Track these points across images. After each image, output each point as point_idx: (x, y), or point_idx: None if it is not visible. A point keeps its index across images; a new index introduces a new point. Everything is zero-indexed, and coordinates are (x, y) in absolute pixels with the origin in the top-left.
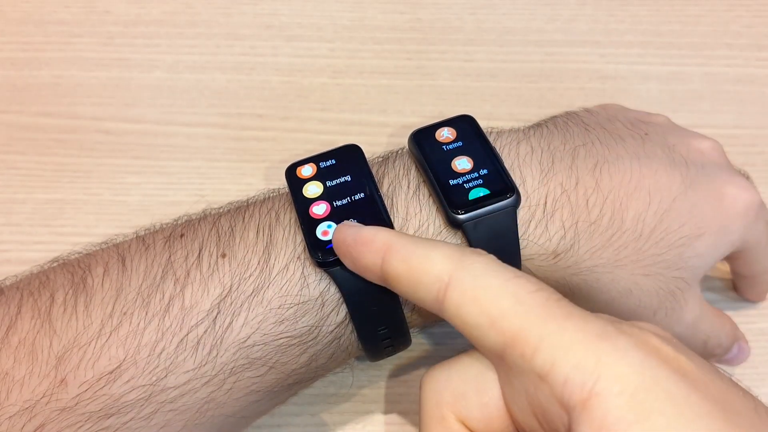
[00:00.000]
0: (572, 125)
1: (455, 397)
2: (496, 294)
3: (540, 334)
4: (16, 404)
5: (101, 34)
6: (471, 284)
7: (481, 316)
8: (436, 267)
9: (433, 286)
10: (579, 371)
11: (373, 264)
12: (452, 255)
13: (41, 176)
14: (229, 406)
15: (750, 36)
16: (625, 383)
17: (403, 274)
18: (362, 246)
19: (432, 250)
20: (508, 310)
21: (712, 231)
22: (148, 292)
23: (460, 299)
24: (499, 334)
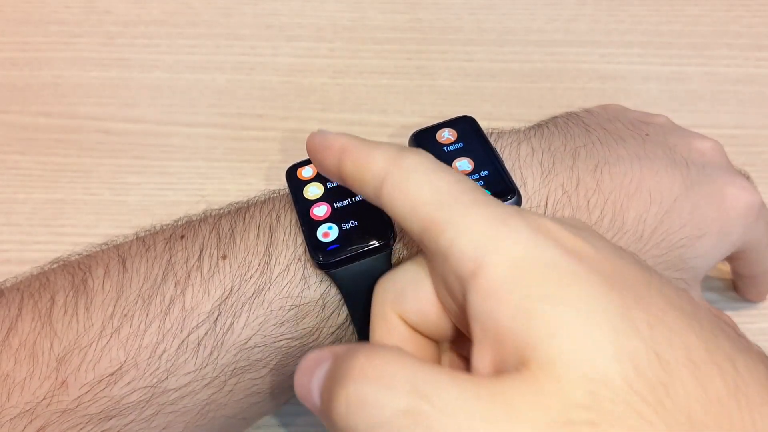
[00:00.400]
0: (573, 126)
1: (395, 295)
2: (419, 185)
3: (446, 218)
4: (17, 406)
5: (101, 34)
6: (401, 178)
7: (405, 206)
8: (376, 164)
9: (372, 182)
10: (472, 246)
11: (332, 165)
12: (390, 154)
13: (41, 176)
14: (230, 407)
15: (750, 36)
16: (509, 254)
17: (352, 173)
18: (325, 150)
19: (374, 150)
20: (426, 199)
21: (712, 232)
22: (149, 294)
23: (391, 192)
24: (418, 221)
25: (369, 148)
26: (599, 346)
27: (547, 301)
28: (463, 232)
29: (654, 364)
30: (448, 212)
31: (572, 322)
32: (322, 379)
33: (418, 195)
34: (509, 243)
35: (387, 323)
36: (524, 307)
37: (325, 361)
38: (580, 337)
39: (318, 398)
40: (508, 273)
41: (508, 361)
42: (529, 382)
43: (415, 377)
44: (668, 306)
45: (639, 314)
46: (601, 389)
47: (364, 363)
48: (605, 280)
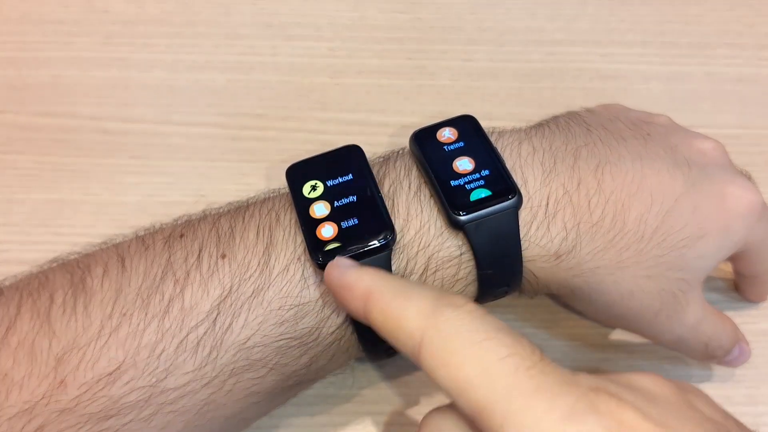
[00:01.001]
0: (574, 125)
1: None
2: (464, 360)
3: (505, 411)
4: (15, 405)
5: (100, 33)
6: (441, 347)
7: (451, 383)
8: (410, 324)
9: (408, 343)
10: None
11: (356, 310)
12: (425, 310)
13: (40, 176)
14: (229, 407)
15: (751, 35)
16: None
17: (382, 327)
18: (345, 291)
19: (408, 302)
20: (474, 380)
21: (714, 232)
22: (148, 293)
23: (432, 362)
24: (468, 404)
25: (399, 299)
26: None
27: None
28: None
29: None
30: (507, 403)
31: None
32: None
33: (464, 374)
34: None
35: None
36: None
37: None
38: None
39: None
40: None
41: None
42: None
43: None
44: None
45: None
46: None
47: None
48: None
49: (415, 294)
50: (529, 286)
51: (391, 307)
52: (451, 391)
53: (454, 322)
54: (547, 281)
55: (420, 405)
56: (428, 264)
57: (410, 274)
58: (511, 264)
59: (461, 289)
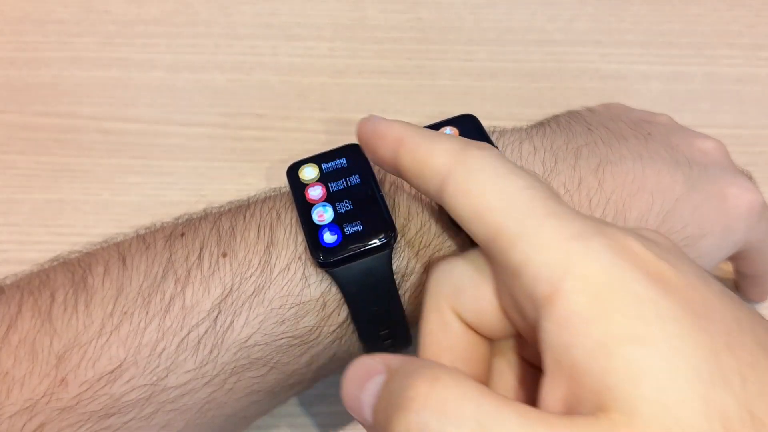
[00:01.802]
0: (575, 125)
1: (453, 289)
2: (485, 189)
3: (518, 230)
4: (16, 403)
5: (100, 33)
6: (465, 178)
7: (470, 210)
8: (438, 160)
9: (434, 180)
10: (547, 268)
11: (387, 156)
12: (453, 148)
13: (40, 176)
14: (230, 406)
15: (751, 35)
16: (589, 281)
17: (410, 168)
18: (378, 139)
19: (436, 144)
20: (493, 205)
21: (715, 232)
22: (149, 292)
23: (455, 193)
24: (484, 228)
25: (430, 141)
26: (687, 398)
27: (631, 340)
28: (538, 250)
29: (747, 424)
30: (521, 224)
31: (658, 368)
32: (375, 395)
33: (485, 200)
34: (590, 267)
35: (441, 318)
36: (605, 345)
37: (378, 375)
38: (666, 387)
39: (370, 415)
40: (588, 303)
41: (583, 401)
42: (607, 430)
43: (480, 412)
44: (760, 350)
45: (730, 361)
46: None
47: (427, 391)
48: (693, 317)
49: (444, 137)
50: None
51: (420, 147)
52: (470, 217)
53: (480, 159)
54: None
55: None
56: (429, 263)
57: (411, 273)
58: None
59: None
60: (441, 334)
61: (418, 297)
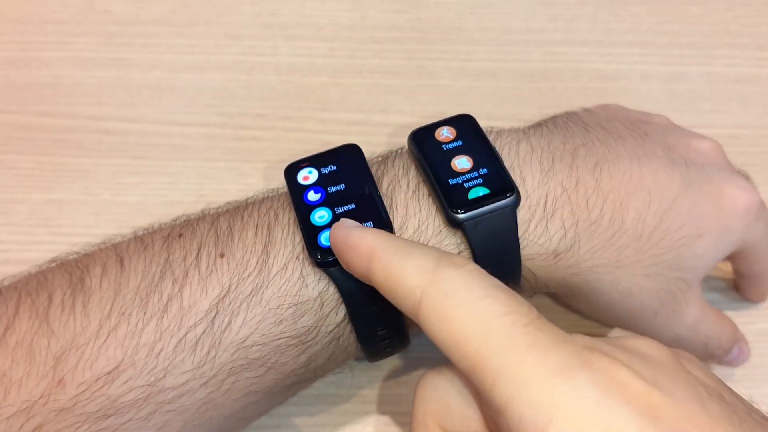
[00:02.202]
0: (572, 125)
1: (440, 407)
2: (462, 316)
3: (498, 366)
4: (13, 405)
5: (100, 33)
6: (440, 303)
7: (447, 338)
8: (410, 280)
9: (408, 300)
10: (532, 410)
11: (359, 269)
12: (426, 267)
13: (40, 176)
14: (228, 406)
15: (751, 35)
16: (576, 426)
17: (383, 284)
18: (349, 250)
19: (408, 260)
20: (471, 336)
21: (712, 231)
22: (147, 293)
23: (430, 318)
24: (464, 360)
25: (401, 257)
26: None
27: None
28: (520, 390)
29: None
30: (500, 358)
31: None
32: None
33: (462, 329)
34: (576, 409)
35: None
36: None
37: None
38: None
39: None
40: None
41: None
42: None
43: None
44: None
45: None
46: None
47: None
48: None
49: (416, 252)
50: (527, 284)
51: (392, 264)
52: (448, 346)
53: (455, 280)
54: (546, 280)
55: None
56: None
57: None
58: (510, 262)
59: None
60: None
61: None
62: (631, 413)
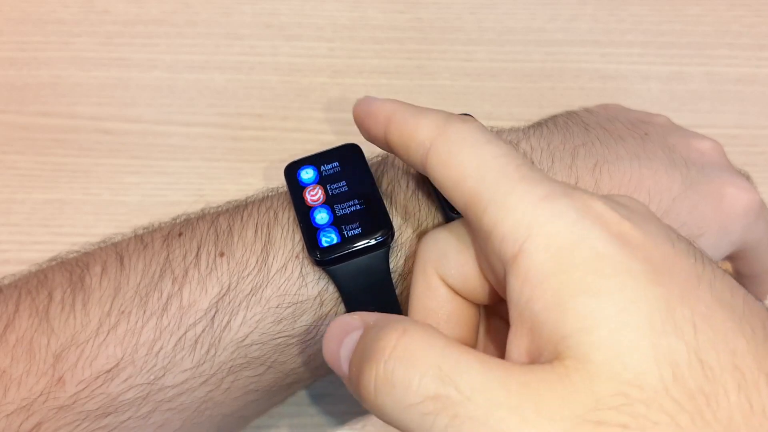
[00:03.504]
0: (572, 125)
1: (438, 255)
2: (464, 158)
3: (490, 195)
4: (13, 402)
5: (100, 33)
6: (446, 149)
7: (449, 179)
8: (422, 133)
9: (418, 152)
10: (514, 229)
11: (378, 134)
12: (437, 122)
13: (40, 176)
14: (228, 405)
15: (751, 36)
16: (551, 240)
17: (398, 142)
18: (370, 118)
19: (421, 118)
20: (468, 173)
21: (712, 231)
22: (146, 291)
23: (436, 163)
24: (461, 195)
25: (415, 116)
26: (637, 344)
27: (585, 292)
28: (506, 213)
29: (695, 369)
30: (493, 189)
31: (610, 317)
32: (351, 349)
33: (462, 169)
34: (552, 227)
35: (427, 283)
36: (561, 298)
37: (355, 330)
38: (616, 334)
39: (347, 368)
40: (548, 260)
41: (542, 351)
42: (561, 376)
43: (444, 360)
44: (717, 304)
45: (683, 311)
46: (635, 391)
47: (395, 342)
48: (650, 271)
49: (429, 112)
50: None
51: (407, 123)
52: (449, 185)
53: (461, 131)
54: None
55: None
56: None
57: (408, 272)
58: None
59: None
60: (427, 298)
61: None
62: (602, 234)
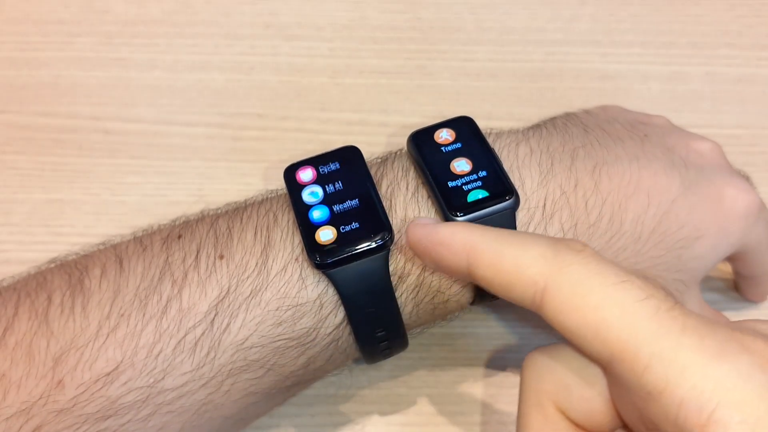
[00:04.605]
0: (571, 126)
1: (558, 387)
2: (599, 303)
3: (651, 351)
4: (12, 406)
5: (100, 33)
6: (570, 291)
7: (583, 327)
8: (530, 270)
9: (528, 291)
10: (696, 394)
11: (457, 266)
12: (546, 254)
13: (40, 176)
14: (227, 407)
15: (751, 35)
16: (746, 411)
17: (494, 279)
18: (441, 247)
19: (523, 251)
20: (613, 322)
21: (711, 233)
22: (146, 294)
23: (560, 307)
24: (604, 347)
25: (514, 248)
26: None
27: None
28: (680, 374)
29: None
30: (652, 343)
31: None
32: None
33: (600, 315)
34: (745, 393)
35: (545, 416)
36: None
37: None
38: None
39: None
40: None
41: None
42: None
43: None
44: None
45: None
46: None
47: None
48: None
49: (529, 241)
50: None
51: (504, 257)
52: (584, 335)
53: (581, 265)
54: None
55: (419, 405)
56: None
57: (407, 274)
58: None
59: (458, 291)
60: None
61: (415, 298)
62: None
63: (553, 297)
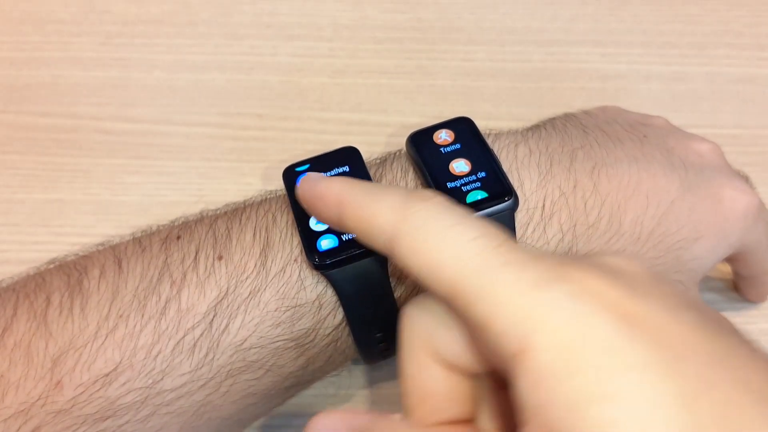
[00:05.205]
0: (570, 127)
1: (425, 333)
2: (435, 245)
3: (475, 286)
4: (11, 407)
5: (100, 33)
6: (412, 236)
7: (423, 268)
8: (381, 219)
9: (380, 238)
10: (512, 324)
11: (331, 218)
12: (396, 205)
13: (40, 176)
14: (226, 408)
15: (751, 35)
16: (556, 337)
17: (356, 228)
18: (318, 201)
19: (378, 201)
20: (445, 262)
21: (710, 234)
22: (145, 295)
23: (405, 252)
24: (440, 286)
25: (370, 199)
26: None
27: (602, 398)
28: (499, 306)
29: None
30: (477, 278)
31: (630, 425)
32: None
33: (436, 257)
34: (553, 321)
35: (419, 362)
36: (577, 404)
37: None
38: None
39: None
40: (556, 360)
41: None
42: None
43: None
44: (738, 388)
45: (705, 406)
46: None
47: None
48: (666, 362)
49: (384, 193)
50: None
51: (362, 207)
52: (424, 276)
53: (424, 212)
54: None
55: None
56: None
57: (406, 276)
58: None
59: None
60: (422, 379)
61: None
62: (607, 321)
63: (399, 243)
